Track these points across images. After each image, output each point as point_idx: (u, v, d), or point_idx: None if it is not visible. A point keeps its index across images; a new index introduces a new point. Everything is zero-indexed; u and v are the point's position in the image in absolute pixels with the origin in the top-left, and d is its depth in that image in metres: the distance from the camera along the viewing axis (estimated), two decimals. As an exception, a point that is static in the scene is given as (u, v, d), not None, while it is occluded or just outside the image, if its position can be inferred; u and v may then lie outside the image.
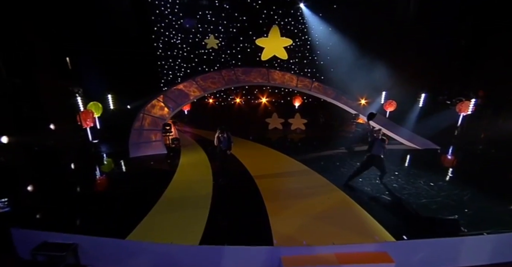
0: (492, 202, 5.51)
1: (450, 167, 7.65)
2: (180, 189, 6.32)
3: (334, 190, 6.22)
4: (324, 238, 4.47)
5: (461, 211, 5.14)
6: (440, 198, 5.73)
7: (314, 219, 5.05)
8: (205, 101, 16.43)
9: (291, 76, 12.29)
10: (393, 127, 10.54)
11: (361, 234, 4.60)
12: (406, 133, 10.19)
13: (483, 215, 5.00)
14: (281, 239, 4.42)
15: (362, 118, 10.97)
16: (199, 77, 11.41)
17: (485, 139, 9.15)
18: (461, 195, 5.85)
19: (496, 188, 6.21)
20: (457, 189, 6.13)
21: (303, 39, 14.99)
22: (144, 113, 9.52)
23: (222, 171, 6.80)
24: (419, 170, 7.40)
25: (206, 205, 5.48)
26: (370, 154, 6.12)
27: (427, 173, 7.11)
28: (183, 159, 8.56)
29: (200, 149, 9.64)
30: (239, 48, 15.37)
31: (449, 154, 9.01)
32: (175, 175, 7.16)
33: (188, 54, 14.86)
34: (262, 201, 5.70)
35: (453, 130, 10.18)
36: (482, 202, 5.50)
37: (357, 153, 8.96)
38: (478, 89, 9.66)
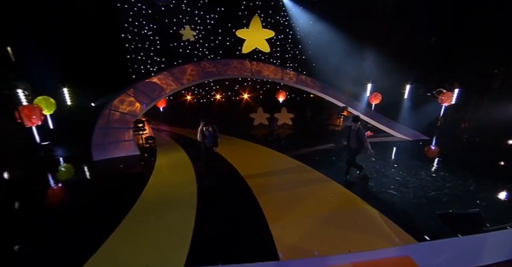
0: (499, 191, 5.24)
1: (444, 157, 7.43)
2: (156, 196, 5.22)
3: (336, 187, 5.58)
4: (338, 246, 3.76)
5: (474, 203, 4.76)
6: (447, 190, 5.34)
7: (322, 223, 4.31)
8: (182, 98, 15.20)
9: (276, 69, 11.59)
10: (381, 119, 10.31)
11: (378, 237, 3.95)
12: (395, 124, 10.02)
13: (498, 206, 4.66)
14: (288, 251, 3.61)
15: (351, 110, 10.62)
16: (175, 69, 10.23)
17: (468, 128, 9.23)
18: (467, 185, 5.54)
19: (495, 176, 6.02)
20: (460, 179, 5.82)
21: (285, 32, 14.43)
22: (111, 109, 8.14)
23: (207, 172, 5.78)
24: (416, 161, 7.09)
25: (191, 214, 4.49)
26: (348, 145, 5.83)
27: (425, 164, 6.83)
28: (160, 160, 7.39)
29: (180, 148, 8.49)
30: (218, 42, 14.38)
31: (439, 144, 8.91)
32: (151, 179, 6.01)
33: (161, 47, 13.50)
34: (258, 205, 4.84)
35: (437, 121, 10.20)
36: (491, 193, 5.20)
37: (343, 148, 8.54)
38: (453, 81, 9.75)
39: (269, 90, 15.68)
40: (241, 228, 4.19)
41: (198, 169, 6.42)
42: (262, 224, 4.22)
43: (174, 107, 14.08)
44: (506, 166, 6.85)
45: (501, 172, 6.46)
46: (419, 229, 4.03)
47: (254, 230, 4.11)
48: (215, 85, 15.69)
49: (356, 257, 3.68)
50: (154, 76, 9.81)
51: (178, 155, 7.81)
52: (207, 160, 5.65)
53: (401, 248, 3.83)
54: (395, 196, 5.16)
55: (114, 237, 3.90)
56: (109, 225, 4.10)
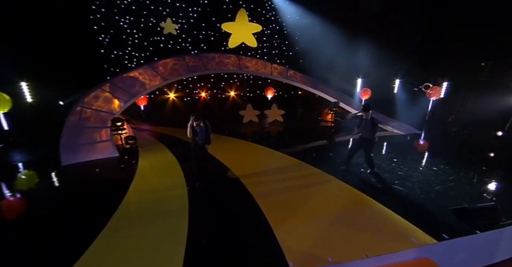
0: (501, 183, 5.16)
1: (439, 150, 7.39)
2: (140, 204, 4.52)
3: (339, 184, 5.21)
4: (353, 250, 3.35)
5: (483, 197, 4.59)
6: (452, 183, 5.18)
7: (331, 225, 3.89)
8: (164, 96, 14.29)
9: (265, 63, 11.13)
10: (374, 114, 10.17)
11: (394, 238, 3.60)
12: (387, 119, 9.95)
13: (506, 198, 4.52)
14: (299, 259, 3.15)
15: (343, 106, 10.44)
16: (157, 63, 9.41)
17: (456, 121, 9.38)
18: (469, 178, 5.42)
19: (493, 167, 6.02)
20: (461, 172, 5.72)
21: (272, 26, 14.01)
22: (83, 106, 7.19)
23: (198, 173, 5.16)
24: (414, 155, 6.98)
25: (182, 222, 3.87)
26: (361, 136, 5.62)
27: (423, 158, 6.70)
28: (143, 162, 6.62)
29: (165, 148, 7.74)
30: (202, 36, 13.65)
31: (430, 138, 8.94)
32: (133, 184, 5.27)
33: (140, 41, 12.50)
34: (258, 207, 4.33)
35: (425, 115, 10.29)
36: (495, 185, 5.12)
37: (341, 144, 8.33)
38: (437, 75, 9.90)
39: (257, 87, 15.22)
40: (242, 235, 3.66)
41: (187, 170, 5.77)
42: (266, 229, 3.71)
43: (156, 105, 13.14)
44: (500, 157, 6.88)
45: (496, 163, 6.45)
46: (434, 226, 3.74)
47: (257, 236, 3.60)
48: (200, 82, 14.95)
49: (374, 262, 3.27)
50: (133, 70, 8.94)
51: (163, 156, 7.07)
52: (199, 159, 5.02)
53: (420, 249, 3.51)
54: (401, 191, 4.89)
55: (89, 255, 3.20)
56: (83, 241, 3.38)
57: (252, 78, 15.40)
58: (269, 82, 14.91)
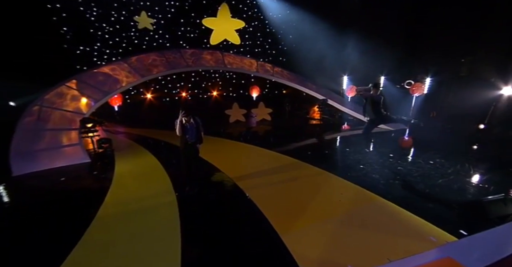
0: (498, 173, 5.19)
1: (429, 144, 7.40)
2: (119, 217, 3.77)
3: (341, 182, 4.89)
4: (372, 255, 2.99)
5: (485, 188, 4.53)
6: (453, 176, 5.09)
7: (341, 226, 3.51)
8: (141, 97, 13.24)
9: (250, 61, 10.71)
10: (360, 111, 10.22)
11: (412, 238, 3.30)
12: None
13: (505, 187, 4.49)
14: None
15: (332, 103, 10.32)
16: (133, 57, 8.55)
17: (439, 117, 9.65)
18: (467, 170, 5.39)
19: (483, 159, 6.10)
20: (457, 164, 5.70)
21: (256, 22, 13.63)
22: (42, 105, 6.14)
23: (189, 176, 4.53)
24: (408, 149, 6.91)
25: (173, 236, 3.24)
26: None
27: (418, 152, 6.66)
28: (120, 167, 5.77)
29: (145, 151, 6.91)
30: (180, 33, 12.88)
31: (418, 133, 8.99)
32: (109, 193, 4.48)
33: (111, 37, 11.39)
34: (259, 211, 3.84)
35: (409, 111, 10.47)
36: (493, 175, 5.10)
37: (333, 141, 8.15)
38: (417, 73, 10.16)
39: (240, 86, 14.73)
40: (246, 244, 3.15)
41: (175, 174, 5.10)
42: (272, 235, 3.25)
43: (132, 106, 12.06)
44: (487, 148, 7.03)
45: (484, 154, 6.57)
46: (449, 222, 3.52)
47: (264, 244, 3.12)
48: (180, 82, 14.11)
49: (397, 266, 2.97)
50: (105, 65, 8.00)
51: (144, 160, 6.26)
52: (189, 160, 4.40)
53: (440, 248, 3.24)
54: (406, 187, 4.69)
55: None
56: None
57: (235, 77, 14.91)
58: (252, 81, 14.54)
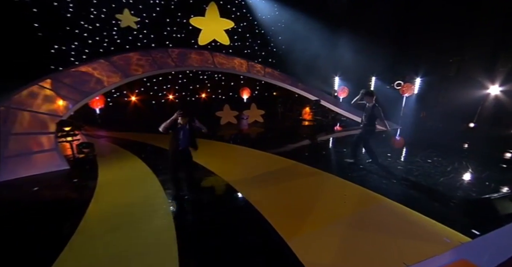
0: (495, 170, 5.22)
1: (424, 143, 7.42)
2: (102, 235, 3.24)
3: (342, 183, 4.70)
4: (387, 259, 2.78)
5: (485, 186, 4.49)
6: (453, 174, 5.05)
7: (350, 230, 3.27)
8: (125, 99, 12.54)
9: (240, 61, 10.42)
10: (355, 111, 10.16)
11: (425, 240, 3.11)
12: None
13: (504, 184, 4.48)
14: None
15: (325, 104, 10.23)
16: (116, 56, 7.96)
17: (429, 116, 9.84)
18: (465, 168, 5.39)
19: (475, 156, 6.16)
20: (454, 162, 5.69)
21: (242, 25, 13.40)
22: (10, 106, 5.43)
23: (177, 187, 4.07)
24: (404, 149, 6.88)
25: (170, 252, 2.82)
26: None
27: (415, 151, 6.63)
28: (104, 174, 5.20)
29: (133, 155, 6.34)
30: (166, 33, 12.38)
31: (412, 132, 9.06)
32: (92, 204, 3.94)
33: (91, 35, 10.63)
34: (262, 217, 3.52)
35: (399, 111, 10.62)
36: (491, 173, 5.10)
37: (327, 142, 8.00)
38: (405, 74, 10.36)
39: (230, 88, 14.39)
40: (252, 253, 2.83)
41: (165, 179, 4.64)
42: (278, 242, 2.97)
43: (116, 109, 11.33)
44: (479, 146, 7.14)
45: (477, 152, 6.65)
46: (459, 221, 3.38)
47: (270, 253, 2.83)
48: (166, 84, 13.54)
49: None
50: (84, 64, 7.36)
51: (132, 165, 5.70)
52: (177, 168, 3.95)
53: (455, 250, 3.09)
54: (409, 186, 4.55)
55: None
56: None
57: (225, 79, 14.57)
58: (242, 83, 14.25)
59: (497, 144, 7.07)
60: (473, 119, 8.07)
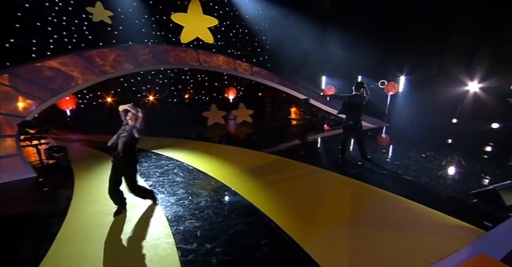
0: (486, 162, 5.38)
1: (414, 139, 7.53)
2: (82, 257, 2.68)
3: (345, 180, 4.54)
4: (409, 257, 2.60)
5: (481, 178, 4.56)
6: (449, 167, 5.12)
7: (364, 228, 3.09)
8: (100, 101, 11.56)
9: (227, 59, 10.03)
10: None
11: (440, 233, 2.99)
12: None
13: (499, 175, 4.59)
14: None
15: (313, 103, 10.16)
16: (91, 51, 7.17)
17: (412, 114, 10.14)
18: (458, 161, 5.48)
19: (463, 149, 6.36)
20: (447, 156, 5.79)
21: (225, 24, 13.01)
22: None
23: (118, 205, 3.37)
24: (397, 145, 6.95)
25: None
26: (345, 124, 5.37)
27: (407, 146, 6.67)
28: (82, 182, 4.49)
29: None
30: (145, 30, 11.61)
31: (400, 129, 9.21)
32: (66, 220, 3.30)
33: (56, 29, 9.50)
34: (270, 219, 3.21)
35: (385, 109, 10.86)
36: (483, 164, 5.24)
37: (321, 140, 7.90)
38: (388, 73, 10.68)
39: (214, 89, 13.89)
40: (269, 260, 2.48)
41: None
42: (292, 246, 2.70)
43: (89, 111, 10.32)
44: (465, 140, 7.36)
45: (464, 145, 6.83)
46: (469, 214, 3.33)
47: (287, 258, 2.54)
48: (146, 84, 12.73)
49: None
50: (52, 58, 6.49)
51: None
52: (117, 180, 3.21)
53: (472, 244, 3.01)
54: (411, 181, 4.47)
55: None
56: None
57: (208, 79, 14.06)
58: (226, 83, 13.84)
59: (481, 138, 7.35)
60: (455, 114, 8.45)
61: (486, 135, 7.50)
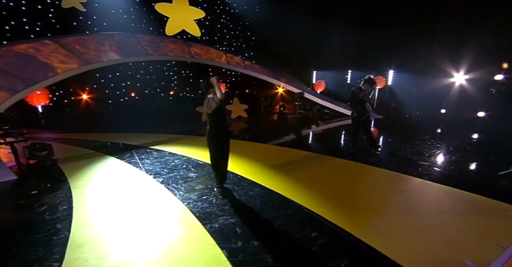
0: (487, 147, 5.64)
1: (412, 128, 7.67)
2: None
3: (366, 168, 4.44)
4: (478, 243, 2.43)
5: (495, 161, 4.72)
6: (459, 153, 5.19)
7: (412, 212, 2.93)
8: (74, 98, 10.36)
9: (218, 52, 9.56)
10: (338, 103, 10.24)
11: (492, 216, 2.87)
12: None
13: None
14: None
15: (308, 97, 10.08)
16: (69, 38, 6.27)
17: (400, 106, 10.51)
18: (464, 147, 5.59)
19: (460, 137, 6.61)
20: (450, 142, 5.94)
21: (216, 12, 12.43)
22: None
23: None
24: (399, 134, 7.01)
25: None
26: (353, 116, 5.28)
27: (409, 135, 6.75)
28: (77, 183, 3.78)
29: (110, 157, 4.89)
30: (122, 20, 10.61)
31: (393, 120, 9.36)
32: (73, 233, 2.70)
33: (13, 15, 8.11)
34: (313, 212, 2.92)
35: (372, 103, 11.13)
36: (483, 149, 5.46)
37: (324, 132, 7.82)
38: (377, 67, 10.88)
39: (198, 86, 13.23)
40: (323, 251, 2.21)
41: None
42: (346, 237, 2.48)
43: (62, 108, 9.15)
44: (454, 129, 7.62)
45: (458, 133, 7.04)
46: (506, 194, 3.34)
47: (352, 251, 2.29)
48: (126, 81, 11.70)
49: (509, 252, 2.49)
50: (22, 42, 5.51)
51: (114, 167, 4.35)
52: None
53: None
54: (431, 166, 4.45)
55: None
56: None
57: (193, 76, 13.37)
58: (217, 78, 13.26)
59: (466, 126, 7.77)
60: (443, 105, 8.93)
61: (473, 123, 7.99)
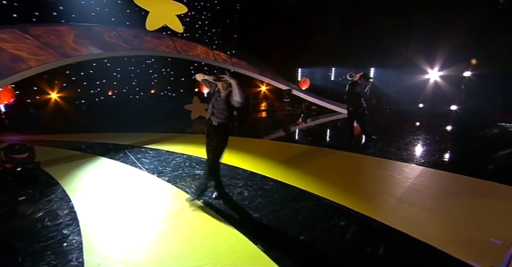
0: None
1: (398, 123, 7.93)
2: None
3: (368, 159, 4.58)
4: (493, 222, 2.56)
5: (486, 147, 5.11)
6: (452, 141, 5.60)
7: (428, 198, 3.04)
8: (42, 97, 9.45)
9: (205, 49, 9.26)
10: (325, 99, 10.46)
11: (499, 198, 3.03)
12: (338, 104, 10.05)
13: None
14: (458, 249, 2.11)
15: (297, 93, 10.19)
16: (39, 28, 5.59)
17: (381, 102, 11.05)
18: (463, 138, 6.02)
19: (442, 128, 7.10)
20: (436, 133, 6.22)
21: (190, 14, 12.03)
22: None
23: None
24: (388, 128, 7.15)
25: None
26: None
27: (396, 128, 7.02)
28: (73, 187, 3.34)
29: (103, 158, 4.43)
30: (95, 14, 9.83)
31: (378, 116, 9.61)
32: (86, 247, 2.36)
33: None
34: (332, 202, 2.92)
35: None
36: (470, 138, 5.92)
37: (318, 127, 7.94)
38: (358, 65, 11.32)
39: (180, 85, 12.76)
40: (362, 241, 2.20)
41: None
42: (375, 224, 2.51)
43: (29, 108, 8.20)
44: (433, 122, 7.92)
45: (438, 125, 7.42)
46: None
47: (375, 236, 2.33)
48: (101, 79, 10.91)
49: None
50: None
51: (110, 168, 3.94)
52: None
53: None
54: (434, 154, 4.62)
55: None
56: None
57: (173, 74, 12.85)
58: (194, 78, 12.86)
59: (442, 118, 8.35)
60: (420, 100, 9.62)
61: (447, 116, 8.70)
